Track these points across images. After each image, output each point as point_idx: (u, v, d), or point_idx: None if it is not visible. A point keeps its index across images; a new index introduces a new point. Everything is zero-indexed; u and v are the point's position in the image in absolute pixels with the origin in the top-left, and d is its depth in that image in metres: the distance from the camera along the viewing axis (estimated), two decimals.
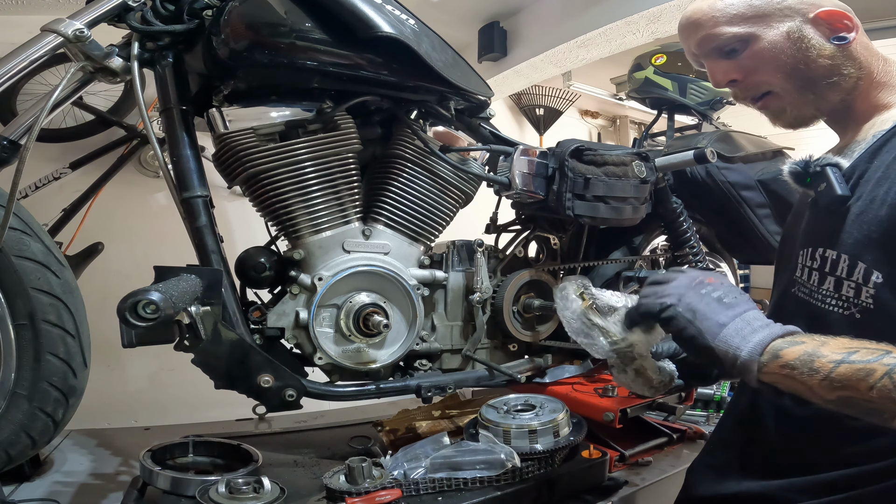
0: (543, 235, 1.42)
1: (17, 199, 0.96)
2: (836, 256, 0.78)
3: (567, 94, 3.83)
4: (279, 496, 0.96)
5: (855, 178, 0.79)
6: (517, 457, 1.02)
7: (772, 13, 0.88)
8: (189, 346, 0.94)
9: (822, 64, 0.86)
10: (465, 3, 2.83)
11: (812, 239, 0.84)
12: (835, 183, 0.78)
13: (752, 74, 0.91)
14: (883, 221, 0.73)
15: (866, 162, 0.78)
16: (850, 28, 0.86)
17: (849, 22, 0.86)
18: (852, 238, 0.76)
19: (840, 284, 0.77)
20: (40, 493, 1.10)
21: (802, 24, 0.87)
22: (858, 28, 0.87)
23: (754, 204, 1.51)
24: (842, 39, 0.86)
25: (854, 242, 0.76)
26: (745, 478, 0.88)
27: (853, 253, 0.75)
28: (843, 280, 0.76)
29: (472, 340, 1.30)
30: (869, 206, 0.75)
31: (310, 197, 1.13)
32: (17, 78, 1.01)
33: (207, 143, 1.20)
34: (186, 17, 1.09)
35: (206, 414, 1.76)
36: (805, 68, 0.87)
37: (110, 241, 2.22)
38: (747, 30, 0.89)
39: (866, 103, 0.86)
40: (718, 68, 0.93)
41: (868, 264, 0.73)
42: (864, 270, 0.74)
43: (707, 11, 0.93)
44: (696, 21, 0.94)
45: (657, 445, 1.33)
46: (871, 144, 0.80)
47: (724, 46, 0.92)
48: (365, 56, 1.10)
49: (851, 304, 0.75)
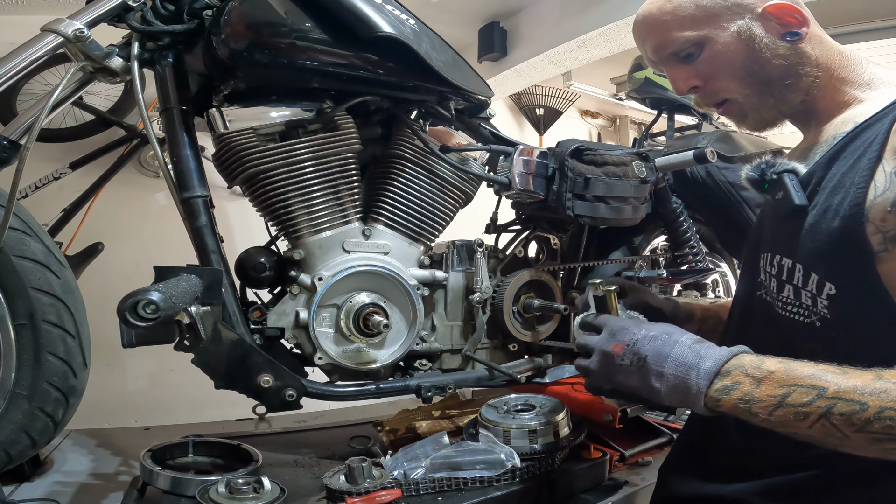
0: (543, 235, 1.42)
1: (17, 199, 0.96)
2: (792, 265, 0.76)
3: (567, 94, 3.83)
4: (279, 496, 0.96)
5: (812, 184, 0.77)
6: (517, 457, 1.02)
7: (720, 12, 0.85)
8: (189, 346, 0.94)
9: (777, 64, 0.84)
10: (465, 3, 2.83)
11: (772, 245, 0.82)
12: (792, 192, 0.76)
13: (711, 80, 0.88)
14: (834, 233, 0.71)
15: (824, 168, 0.76)
16: (802, 22, 0.83)
17: (799, 16, 0.83)
18: (805, 248, 0.75)
19: (798, 293, 0.76)
20: (40, 493, 1.10)
21: (752, 21, 0.84)
22: (810, 22, 0.84)
23: (754, 204, 1.50)
24: (794, 35, 0.83)
25: (807, 253, 0.74)
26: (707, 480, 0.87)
27: (807, 264, 0.74)
28: (801, 289, 0.75)
29: (472, 340, 1.30)
30: (822, 217, 0.73)
31: (310, 197, 1.13)
32: (17, 78, 1.01)
33: (207, 143, 1.20)
34: (186, 17, 1.09)
35: (206, 414, 1.76)
36: (760, 70, 0.85)
37: (110, 241, 2.22)
38: (699, 33, 0.86)
39: (827, 101, 0.83)
40: (679, 75, 0.91)
41: (820, 276, 0.72)
42: (817, 281, 0.73)
43: (657, 15, 0.90)
44: (648, 26, 0.92)
45: (657, 445, 1.33)
46: (829, 149, 0.78)
47: (679, 52, 0.89)
48: (365, 56, 1.10)
49: (812, 313, 0.74)
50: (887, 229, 0.67)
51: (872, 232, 0.68)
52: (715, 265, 1.79)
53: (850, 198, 0.70)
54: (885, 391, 0.58)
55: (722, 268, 1.84)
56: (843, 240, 0.70)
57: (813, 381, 0.63)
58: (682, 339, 0.74)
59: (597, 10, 2.51)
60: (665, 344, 0.74)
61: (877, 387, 0.59)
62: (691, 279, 1.56)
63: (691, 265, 1.48)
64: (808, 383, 0.63)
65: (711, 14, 0.86)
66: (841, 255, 0.70)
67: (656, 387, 0.73)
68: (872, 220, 0.68)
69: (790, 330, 0.78)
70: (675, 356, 0.72)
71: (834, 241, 0.71)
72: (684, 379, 0.70)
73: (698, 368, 0.70)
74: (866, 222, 0.68)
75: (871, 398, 0.59)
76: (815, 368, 0.64)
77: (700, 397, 0.69)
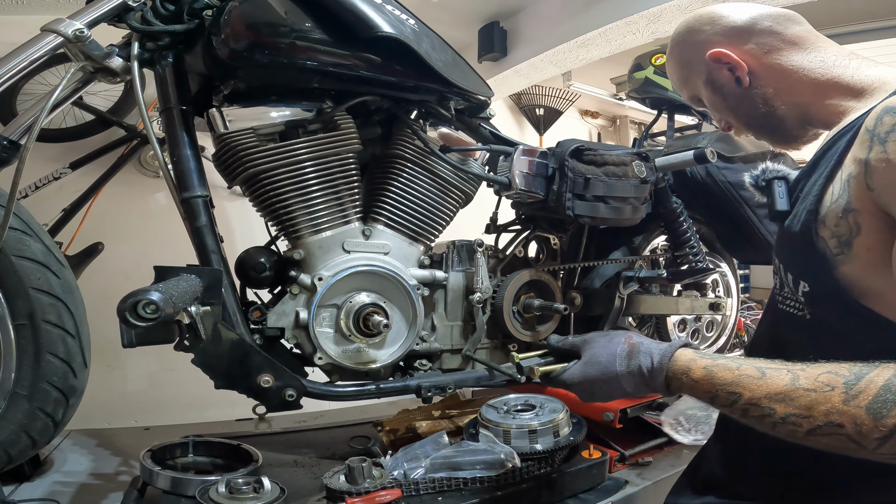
0: (543, 235, 1.42)
1: (17, 199, 0.96)
2: (778, 264, 0.83)
3: (567, 94, 3.83)
4: (279, 496, 0.96)
5: (797, 191, 0.81)
6: (517, 457, 1.02)
7: (692, 68, 0.93)
8: (189, 346, 0.94)
9: (747, 102, 0.88)
10: (465, 3, 2.83)
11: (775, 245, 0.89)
12: (777, 199, 0.82)
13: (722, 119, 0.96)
14: (796, 237, 0.75)
15: (805, 175, 0.79)
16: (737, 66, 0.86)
17: (731, 62, 0.86)
18: (784, 250, 0.81)
19: (787, 289, 0.81)
20: (40, 493, 1.10)
21: (711, 71, 0.90)
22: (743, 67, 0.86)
23: (754, 204, 1.50)
24: (738, 81, 0.87)
25: (784, 254, 0.80)
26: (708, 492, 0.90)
27: (783, 263, 0.80)
28: (786, 285, 0.81)
29: (472, 340, 1.29)
30: (792, 222, 0.78)
31: (310, 197, 1.13)
32: (17, 78, 1.01)
33: (207, 143, 1.20)
34: (186, 17, 1.09)
35: (206, 414, 1.76)
36: (739, 108, 0.90)
37: (110, 241, 2.21)
38: (689, 89, 0.97)
39: (825, 113, 0.83)
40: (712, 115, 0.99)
41: (794, 275, 0.77)
42: (792, 280, 0.78)
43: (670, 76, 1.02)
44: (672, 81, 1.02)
45: (657, 445, 1.33)
46: (811, 157, 0.81)
47: (691, 100, 0.98)
48: (365, 56, 1.10)
49: (802, 306, 0.78)
50: (841, 234, 0.70)
51: (829, 237, 0.71)
52: (715, 265, 1.79)
53: (807, 204, 0.74)
54: (793, 399, 0.63)
55: (722, 268, 1.84)
56: (804, 244, 0.74)
57: (731, 388, 0.68)
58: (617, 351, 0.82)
59: (597, 10, 2.51)
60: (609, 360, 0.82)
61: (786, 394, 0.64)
62: (691, 279, 1.56)
63: (691, 265, 1.48)
64: (727, 390, 0.68)
65: (689, 71, 0.95)
66: (805, 258, 0.75)
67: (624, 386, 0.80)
68: (828, 226, 0.71)
69: (787, 322, 0.82)
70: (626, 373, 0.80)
71: (797, 244, 0.76)
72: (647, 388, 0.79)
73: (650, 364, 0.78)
74: (822, 227, 0.72)
75: (778, 405, 0.64)
76: (735, 374, 0.69)
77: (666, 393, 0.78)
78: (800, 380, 0.64)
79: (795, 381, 0.64)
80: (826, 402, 0.61)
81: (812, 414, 0.61)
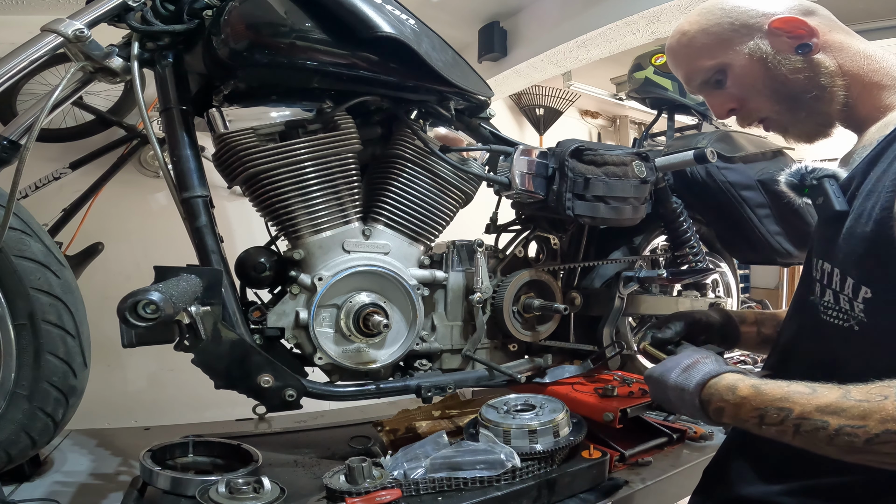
0: (543, 235, 1.42)
1: (17, 199, 0.96)
2: (831, 269, 0.78)
3: (567, 94, 3.82)
4: (279, 496, 0.96)
5: (852, 189, 0.77)
6: (517, 457, 1.02)
7: (731, 37, 0.88)
8: (189, 346, 0.94)
9: (796, 79, 0.85)
10: (465, 3, 2.83)
11: (817, 249, 0.83)
12: (833, 198, 0.77)
13: (744, 102, 0.91)
14: (867, 238, 0.71)
15: (862, 173, 0.76)
16: (810, 33, 0.83)
17: (805, 27, 0.84)
18: (842, 253, 0.76)
19: (837, 297, 0.77)
20: (40, 493, 1.10)
21: (761, 40, 0.86)
22: (818, 32, 0.84)
23: (754, 204, 1.50)
24: (805, 48, 0.83)
25: (843, 257, 0.75)
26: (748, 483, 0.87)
27: (842, 268, 0.75)
28: (839, 293, 0.76)
29: (472, 340, 1.29)
30: (857, 222, 0.74)
31: (310, 197, 1.13)
32: (17, 78, 1.01)
33: (207, 143, 1.20)
34: (186, 17, 1.09)
35: (206, 414, 1.76)
36: (783, 87, 0.86)
37: (110, 241, 2.21)
38: (716, 60, 0.89)
39: (867, 107, 0.83)
40: (715, 101, 0.94)
41: (856, 280, 0.73)
42: (853, 285, 0.73)
43: (677, 49, 0.94)
44: (673, 60, 0.96)
45: (657, 445, 1.33)
46: (869, 152, 0.78)
47: (707, 80, 0.92)
48: (365, 56, 1.10)
49: (850, 317, 0.75)
50: None
51: None
52: (715, 265, 1.79)
53: (881, 201, 0.70)
54: (845, 410, 0.63)
55: (722, 268, 1.84)
56: (875, 244, 0.70)
57: (781, 403, 0.68)
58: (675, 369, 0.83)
59: (597, 10, 2.51)
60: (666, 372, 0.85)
61: (839, 406, 0.63)
62: (691, 279, 1.56)
63: (691, 265, 1.48)
64: (777, 406, 0.68)
65: (723, 40, 0.88)
66: (875, 260, 0.71)
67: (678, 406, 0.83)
68: None
69: (831, 334, 0.79)
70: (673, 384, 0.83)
71: (867, 245, 0.71)
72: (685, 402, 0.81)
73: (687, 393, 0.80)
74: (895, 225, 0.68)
75: (831, 417, 0.63)
76: (784, 390, 0.69)
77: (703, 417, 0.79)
78: (851, 392, 0.63)
79: (847, 393, 0.63)
80: (881, 411, 0.60)
81: (867, 423, 0.60)
